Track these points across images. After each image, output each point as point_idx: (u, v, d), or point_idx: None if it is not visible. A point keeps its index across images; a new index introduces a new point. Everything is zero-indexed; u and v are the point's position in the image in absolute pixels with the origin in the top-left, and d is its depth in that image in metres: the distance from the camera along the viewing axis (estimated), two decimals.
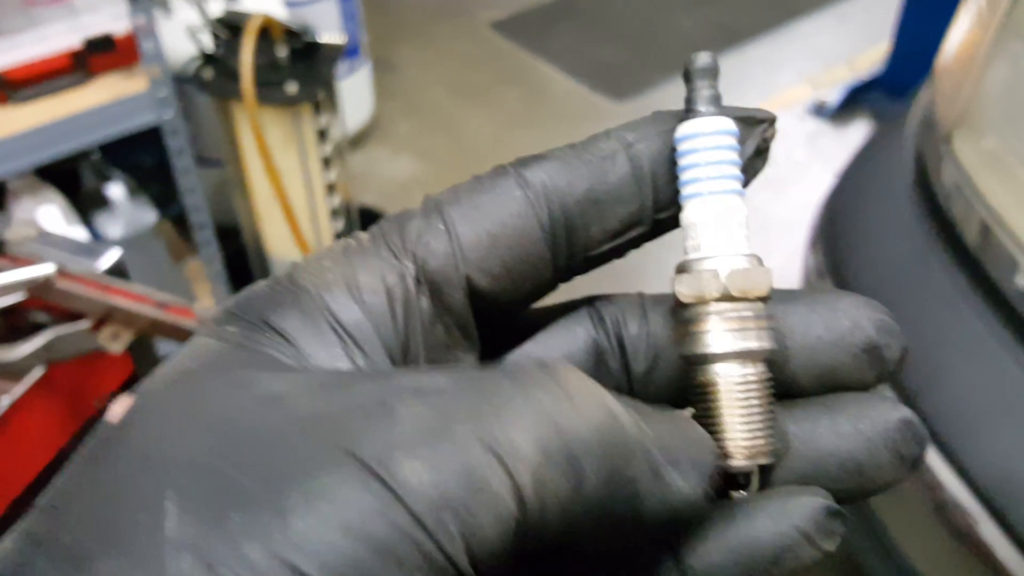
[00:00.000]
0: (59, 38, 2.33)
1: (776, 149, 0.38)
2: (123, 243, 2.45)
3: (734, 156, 0.35)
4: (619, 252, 0.36)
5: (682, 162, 0.35)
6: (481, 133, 3.99)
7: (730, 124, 0.35)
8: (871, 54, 4.22)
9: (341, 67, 3.25)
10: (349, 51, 3.35)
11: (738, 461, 0.33)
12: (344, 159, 2.86)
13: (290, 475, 0.25)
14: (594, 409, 0.28)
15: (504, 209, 0.33)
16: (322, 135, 2.62)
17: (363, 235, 0.34)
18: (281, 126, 2.54)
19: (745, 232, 0.34)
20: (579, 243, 0.34)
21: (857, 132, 3.73)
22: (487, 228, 0.33)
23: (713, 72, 0.36)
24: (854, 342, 0.35)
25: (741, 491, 0.34)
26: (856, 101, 3.89)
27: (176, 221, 2.86)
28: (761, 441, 0.33)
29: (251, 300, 0.32)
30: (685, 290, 0.34)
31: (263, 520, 0.25)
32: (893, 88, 3.68)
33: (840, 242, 1.67)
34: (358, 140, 3.83)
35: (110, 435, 0.28)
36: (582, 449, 0.27)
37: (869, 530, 1.59)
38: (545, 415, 0.27)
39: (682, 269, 0.34)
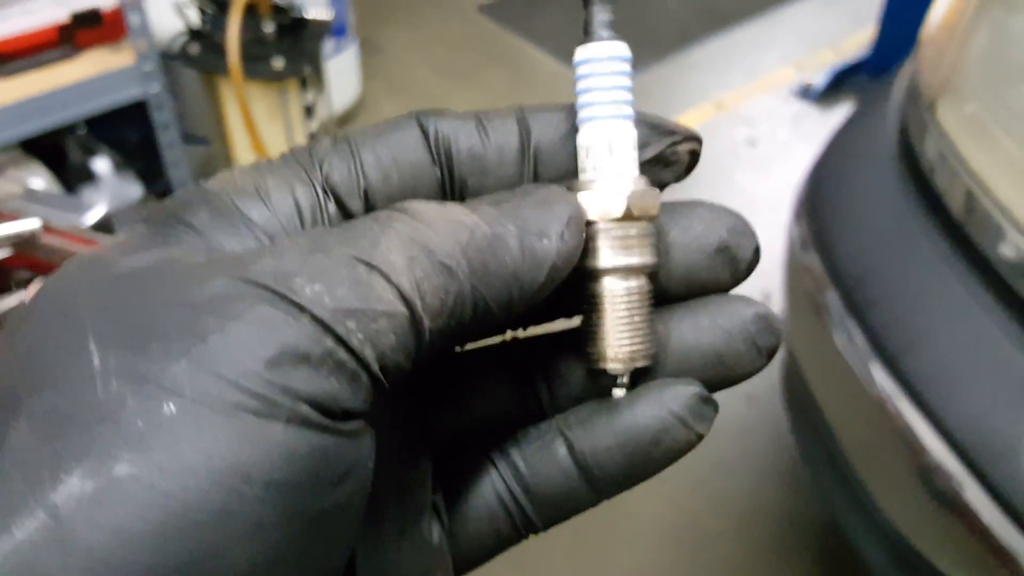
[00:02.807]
0: (46, 11, 2.32)
1: (761, 130, 0.40)
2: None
3: (626, 82, 0.37)
4: None
5: (578, 86, 0.37)
6: None
7: (624, 50, 0.37)
8: (857, 38, 4.23)
9: (328, 46, 3.24)
10: (336, 30, 3.34)
11: (619, 364, 0.37)
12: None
13: (199, 305, 0.28)
14: (451, 228, 0.31)
15: (402, 142, 0.36)
16: (308, 111, 2.62)
17: (273, 157, 0.36)
18: (267, 101, 2.53)
19: (633, 154, 0.37)
20: (463, 192, 0.37)
21: (842, 115, 3.72)
22: (387, 154, 0.36)
23: None
24: (708, 243, 0.38)
25: (622, 390, 0.37)
26: (842, 84, 3.90)
27: (161, 198, 2.84)
28: (640, 346, 0.37)
29: (161, 205, 0.34)
30: (586, 208, 0.36)
31: (183, 343, 0.27)
32: (878, 72, 3.69)
33: (824, 212, 1.68)
34: (344, 120, 3.82)
35: (26, 307, 0.30)
36: (446, 256, 0.31)
37: (852, 495, 1.60)
38: (410, 239, 0.30)
39: (578, 188, 0.37)
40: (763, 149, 3.62)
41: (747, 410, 2.51)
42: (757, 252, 0.39)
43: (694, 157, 0.39)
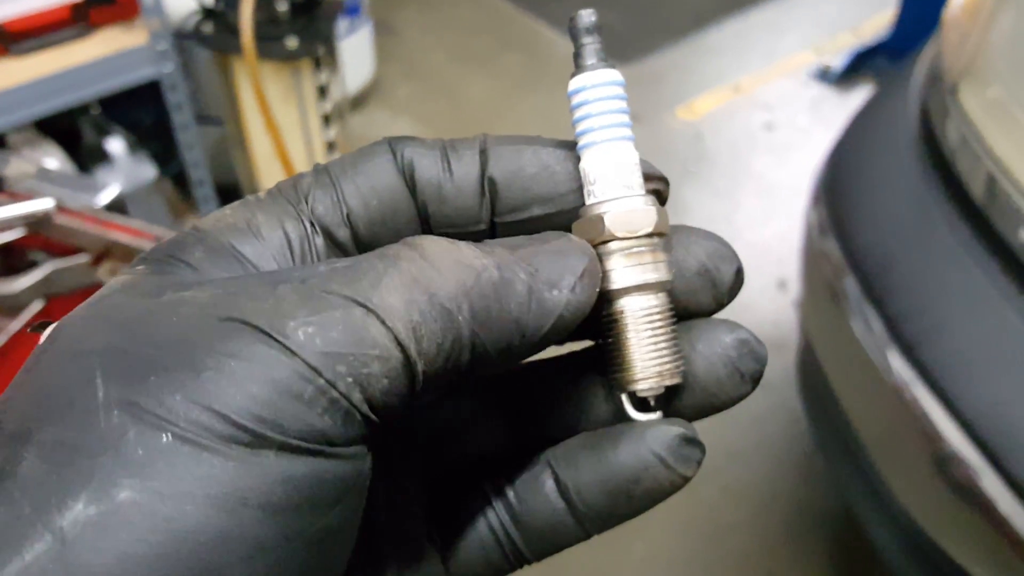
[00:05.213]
0: None
1: (778, 114, 0.39)
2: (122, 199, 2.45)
3: (622, 105, 0.37)
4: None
5: (575, 115, 0.38)
6: (482, 98, 3.97)
7: (616, 75, 0.37)
8: (876, 20, 4.19)
9: (342, 26, 3.23)
10: (350, 10, 3.33)
11: (647, 383, 0.36)
12: (344, 118, 2.85)
13: (198, 344, 0.29)
14: (456, 270, 0.31)
15: (378, 170, 0.37)
16: (322, 92, 2.61)
17: (260, 192, 0.38)
18: (281, 82, 2.52)
19: (637, 175, 0.37)
20: (430, 218, 0.38)
21: (861, 98, 3.70)
22: (365, 182, 0.37)
23: (597, 28, 0.38)
24: (687, 267, 0.38)
25: (655, 412, 0.37)
26: (860, 67, 3.87)
27: (175, 180, 2.85)
28: (668, 364, 0.36)
29: (158, 246, 0.36)
30: (581, 234, 0.37)
31: (180, 378, 0.28)
32: (898, 54, 3.65)
33: (843, 197, 1.66)
34: (358, 102, 3.81)
35: (39, 349, 0.32)
36: (448, 299, 0.31)
37: (868, 485, 1.59)
38: (412, 280, 0.31)
39: (588, 212, 0.37)
40: (781, 134, 3.59)
41: (762, 398, 2.49)
42: (739, 275, 0.38)
43: (658, 196, 0.38)
